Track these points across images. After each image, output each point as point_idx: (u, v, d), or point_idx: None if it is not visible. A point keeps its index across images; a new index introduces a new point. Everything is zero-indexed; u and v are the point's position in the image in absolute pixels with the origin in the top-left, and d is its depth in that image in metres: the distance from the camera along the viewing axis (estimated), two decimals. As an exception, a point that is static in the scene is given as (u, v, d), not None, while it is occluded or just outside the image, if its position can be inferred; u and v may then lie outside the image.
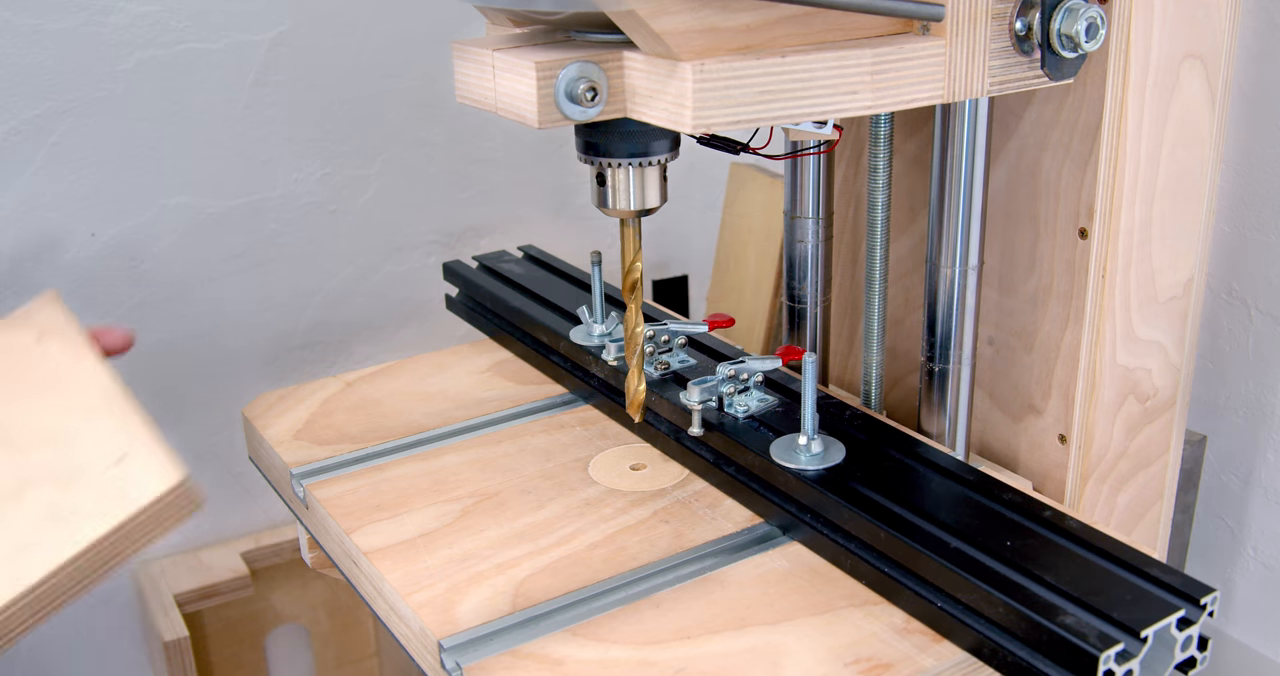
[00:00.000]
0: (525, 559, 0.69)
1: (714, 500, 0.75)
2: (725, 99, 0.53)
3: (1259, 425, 0.91)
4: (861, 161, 0.86)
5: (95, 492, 0.66)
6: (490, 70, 0.59)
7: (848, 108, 0.57)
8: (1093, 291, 0.72)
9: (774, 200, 1.25)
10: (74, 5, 1.04)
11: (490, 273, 1.06)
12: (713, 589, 0.66)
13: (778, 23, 0.55)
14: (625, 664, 0.60)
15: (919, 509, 0.65)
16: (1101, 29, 0.62)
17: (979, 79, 0.60)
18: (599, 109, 0.57)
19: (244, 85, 1.13)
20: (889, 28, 0.59)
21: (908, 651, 0.60)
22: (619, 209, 0.67)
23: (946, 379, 0.76)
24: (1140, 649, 0.54)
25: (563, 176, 1.34)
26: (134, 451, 0.68)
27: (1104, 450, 0.76)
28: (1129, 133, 0.69)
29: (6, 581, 0.62)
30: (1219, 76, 0.72)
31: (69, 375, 0.75)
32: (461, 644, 0.62)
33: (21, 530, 0.65)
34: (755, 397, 0.77)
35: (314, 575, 1.27)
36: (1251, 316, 0.90)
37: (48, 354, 0.78)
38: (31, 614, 0.62)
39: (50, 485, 0.67)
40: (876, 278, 0.79)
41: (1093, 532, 0.62)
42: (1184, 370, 0.78)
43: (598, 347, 0.88)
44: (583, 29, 0.60)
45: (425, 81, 1.22)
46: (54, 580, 0.63)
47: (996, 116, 0.74)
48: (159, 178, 1.12)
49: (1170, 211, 0.73)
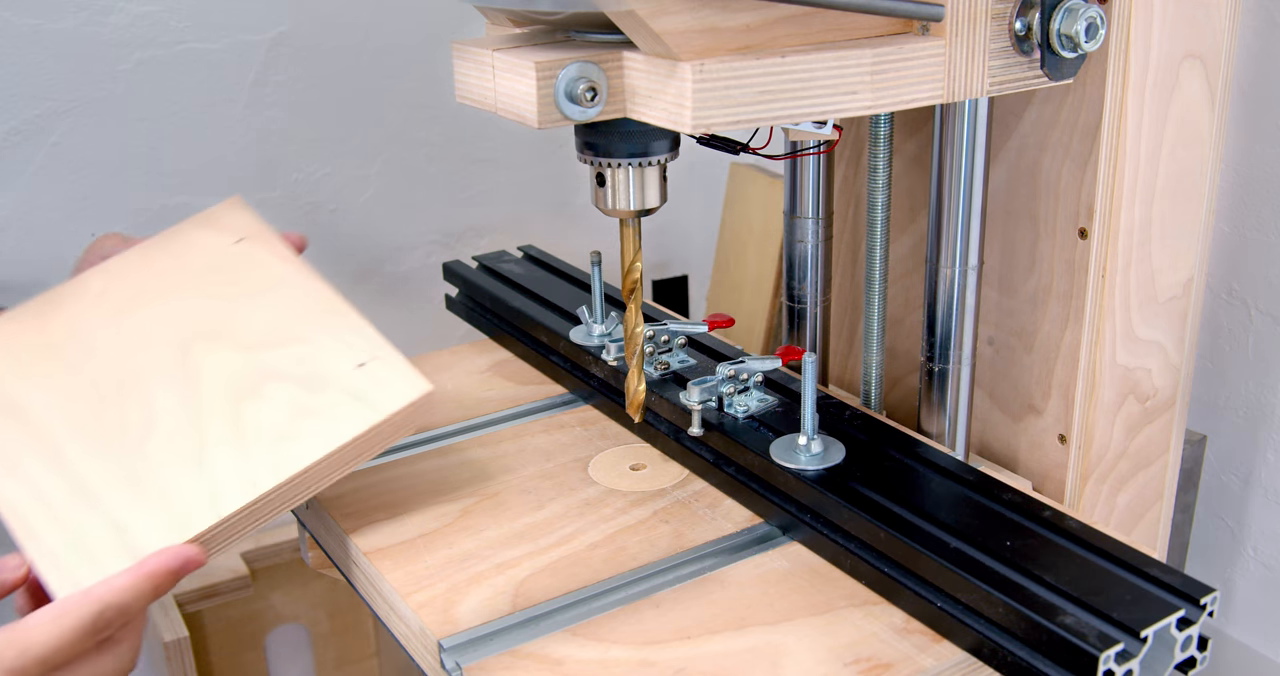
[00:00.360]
0: (525, 559, 0.69)
1: (714, 500, 0.75)
2: (725, 99, 0.53)
3: (1259, 425, 0.91)
4: (861, 161, 0.86)
5: (344, 394, 0.68)
6: (490, 70, 0.59)
7: (847, 108, 0.57)
8: (1093, 291, 0.72)
9: (774, 200, 1.25)
10: (74, 5, 1.04)
11: (490, 273, 1.06)
12: (713, 589, 0.66)
13: (777, 23, 0.55)
14: (625, 664, 0.60)
15: (919, 509, 0.65)
16: (1101, 29, 0.62)
17: (979, 79, 0.60)
18: (599, 109, 0.57)
19: (244, 85, 1.13)
20: (889, 28, 0.59)
21: (908, 651, 0.60)
22: (619, 209, 0.67)
23: (946, 379, 0.76)
24: (1140, 649, 0.54)
25: (563, 176, 1.34)
26: (377, 357, 0.69)
27: (1104, 450, 0.76)
28: (1129, 132, 0.69)
29: (269, 469, 0.64)
30: (1219, 76, 0.72)
31: (283, 279, 0.75)
32: (461, 644, 0.62)
33: (274, 424, 0.67)
34: (755, 397, 0.77)
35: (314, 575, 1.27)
36: (1251, 316, 0.90)
37: (253, 257, 0.77)
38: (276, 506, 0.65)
39: (291, 384, 0.69)
40: (876, 278, 0.79)
41: (1092, 532, 0.62)
42: (1184, 370, 0.78)
43: (598, 347, 0.88)
44: (582, 29, 0.60)
45: (425, 81, 1.22)
46: (306, 474, 0.65)
47: (996, 116, 0.74)
48: (159, 178, 1.12)
49: (1170, 211, 0.73)
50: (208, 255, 0.78)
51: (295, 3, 1.13)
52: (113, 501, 0.65)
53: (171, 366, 0.71)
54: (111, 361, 0.72)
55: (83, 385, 0.71)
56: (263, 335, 0.72)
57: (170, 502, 0.64)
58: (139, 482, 0.65)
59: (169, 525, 0.63)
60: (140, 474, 0.66)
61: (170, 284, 0.76)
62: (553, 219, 1.35)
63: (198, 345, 0.72)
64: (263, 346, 0.71)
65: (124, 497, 0.65)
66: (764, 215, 1.27)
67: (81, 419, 0.69)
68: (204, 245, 0.79)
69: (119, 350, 0.73)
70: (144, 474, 0.66)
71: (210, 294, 0.75)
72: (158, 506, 0.64)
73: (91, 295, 0.77)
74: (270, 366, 0.70)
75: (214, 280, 0.76)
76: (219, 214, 0.81)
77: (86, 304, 0.76)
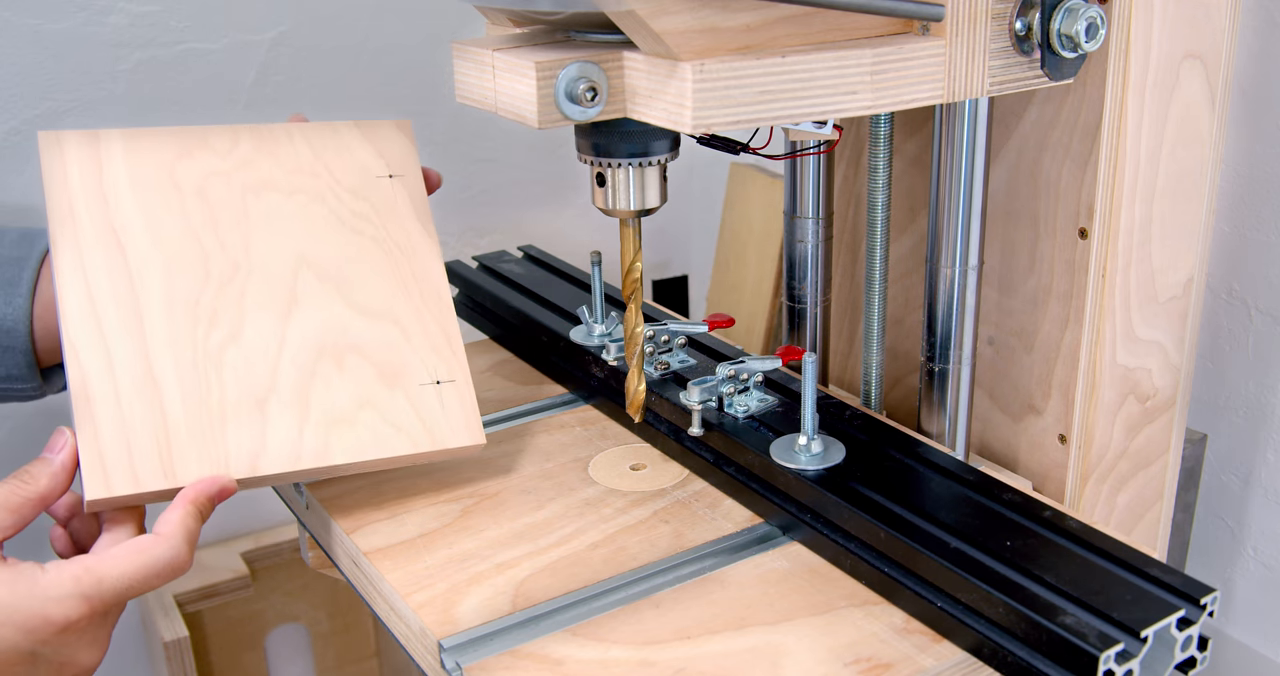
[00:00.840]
0: (525, 559, 0.69)
1: (714, 500, 0.75)
2: (725, 99, 0.53)
3: (1259, 425, 0.91)
4: (861, 161, 0.86)
5: (408, 407, 0.70)
6: (490, 70, 0.59)
7: (847, 108, 0.57)
8: (1093, 291, 0.72)
9: (774, 200, 1.25)
10: (74, 5, 1.04)
11: (490, 273, 1.06)
12: (713, 589, 0.66)
13: (777, 23, 0.55)
14: (625, 664, 0.60)
15: (919, 509, 0.65)
16: (1101, 29, 0.62)
17: (979, 79, 0.60)
18: (599, 109, 0.57)
19: (244, 85, 1.13)
20: (889, 28, 0.59)
21: (908, 651, 0.60)
22: (619, 209, 0.67)
23: (946, 379, 0.76)
24: (1140, 649, 0.54)
25: (563, 176, 1.34)
26: (454, 381, 0.72)
27: (1104, 450, 0.76)
28: (1129, 132, 0.69)
29: (312, 451, 0.68)
30: (1219, 76, 0.72)
31: (408, 244, 0.75)
32: (461, 644, 0.62)
33: (337, 404, 0.69)
34: (755, 397, 0.77)
35: (314, 575, 1.27)
36: (1251, 316, 0.90)
37: (396, 202, 0.76)
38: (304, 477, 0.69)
39: (371, 367, 0.71)
40: (876, 278, 0.79)
41: (1093, 532, 0.62)
42: (1184, 370, 0.79)
43: (598, 347, 0.88)
44: (583, 29, 0.60)
45: (425, 82, 1.22)
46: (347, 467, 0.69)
47: (996, 116, 0.74)
48: (159, 178, 1.12)
49: (1170, 211, 0.73)
50: (355, 176, 0.77)
51: (295, 3, 1.13)
52: (173, 414, 0.67)
53: (278, 282, 0.72)
54: (227, 241, 0.72)
55: (193, 254, 0.71)
56: (368, 299, 0.73)
57: (218, 441, 0.67)
58: (202, 402, 0.67)
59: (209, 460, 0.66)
60: (206, 390, 0.68)
61: (310, 187, 0.75)
62: (553, 219, 1.35)
63: (309, 274, 0.73)
64: (362, 312, 0.72)
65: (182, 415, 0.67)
66: (764, 215, 1.27)
67: (179, 294, 0.70)
68: (357, 163, 0.77)
69: (239, 233, 0.72)
70: (210, 392, 0.68)
71: (342, 221, 0.75)
72: (207, 438, 0.67)
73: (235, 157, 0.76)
74: (360, 336, 0.72)
75: (351, 208, 0.75)
76: (384, 133, 0.80)
77: (226, 163, 0.75)
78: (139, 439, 0.66)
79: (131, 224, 0.72)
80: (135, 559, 0.61)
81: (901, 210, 0.83)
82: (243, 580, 1.21)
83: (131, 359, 0.68)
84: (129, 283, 0.70)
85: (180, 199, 0.74)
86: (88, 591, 0.60)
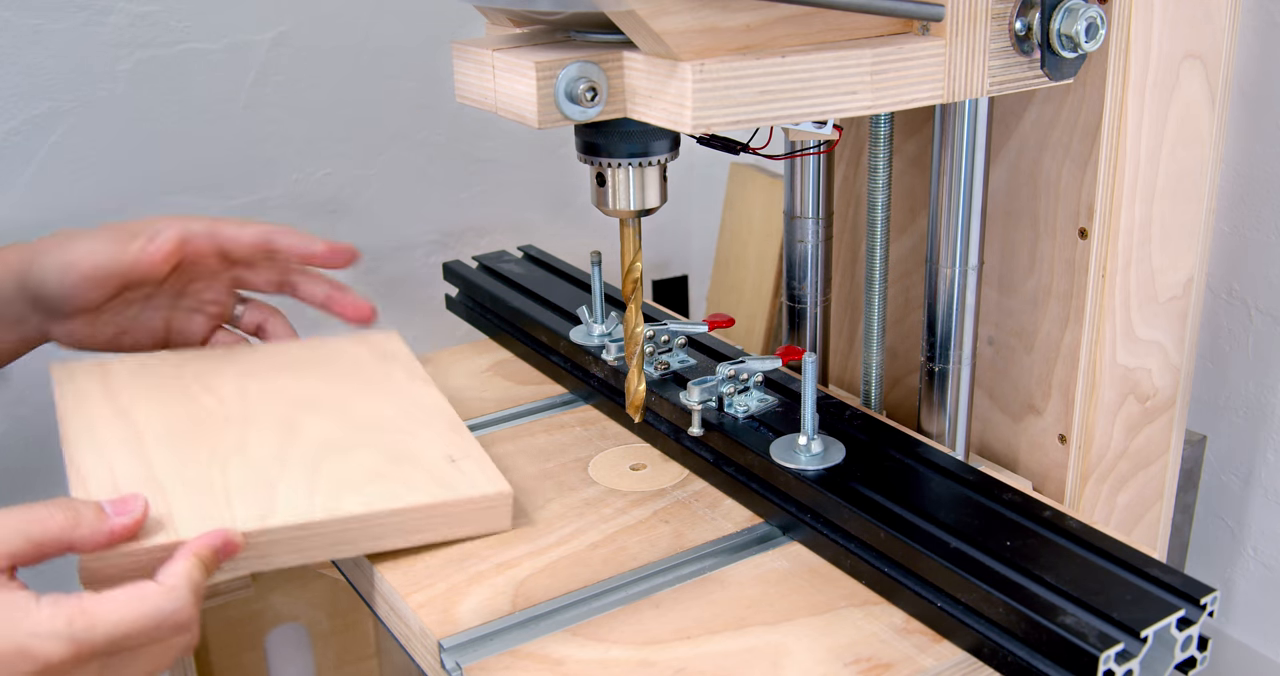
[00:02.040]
0: (525, 559, 0.69)
1: (714, 500, 0.75)
2: (725, 99, 0.53)
3: (1259, 425, 0.91)
4: (861, 161, 0.86)
5: (422, 473, 0.71)
6: (490, 70, 0.59)
7: (847, 108, 0.57)
8: (1093, 291, 0.72)
9: (774, 200, 1.25)
10: (74, 5, 1.04)
11: (490, 273, 1.06)
12: (713, 589, 0.66)
13: (777, 23, 0.55)
14: (625, 664, 0.60)
15: (919, 509, 0.65)
16: (1101, 29, 0.62)
17: (979, 79, 0.60)
18: (599, 109, 0.57)
19: (244, 85, 1.13)
20: (889, 28, 0.59)
21: (908, 651, 0.60)
22: (619, 209, 0.67)
23: (946, 379, 0.76)
24: (1140, 649, 0.54)
25: (563, 176, 1.34)
26: (466, 456, 0.73)
27: (1104, 450, 0.76)
28: (1129, 132, 0.69)
29: (324, 507, 0.67)
30: (1219, 76, 0.72)
31: (409, 393, 0.81)
32: (461, 644, 0.62)
33: (348, 476, 0.70)
34: (755, 397, 0.77)
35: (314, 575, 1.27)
36: (1251, 316, 0.90)
37: (389, 371, 0.84)
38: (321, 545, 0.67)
39: (380, 455, 0.72)
40: (876, 278, 0.79)
41: (1093, 532, 0.62)
42: (1184, 370, 0.79)
43: (598, 347, 0.88)
44: (583, 29, 0.60)
45: (425, 81, 1.22)
46: (361, 524, 0.67)
47: (996, 116, 0.74)
48: (159, 178, 1.12)
49: (1170, 211, 0.73)
50: (348, 360, 0.85)
51: (295, 3, 1.13)
52: (174, 493, 0.67)
53: (277, 421, 0.76)
54: (227, 403, 0.78)
55: (192, 411, 0.77)
56: (370, 419, 0.77)
57: (223, 509, 0.66)
58: (206, 490, 0.68)
59: (214, 521, 0.65)
60: (209, 484, 0.69)
61: (306, 369, 0.84)
62: (553, 219, 1.35)
63: (308, 410, 0.78)
64: (366, 427, 0.76)
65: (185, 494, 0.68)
66: (764, 215, 1.27)
67: (178, 433, 0.74)
68: (349, 353, 0.86)
69: (238, 398, 0.79)
70: (212, 485, 0.69)
71: (339, 384, 0.82)
72: (211, 506, 0.67)
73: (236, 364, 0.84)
74: (366, 440, 0.74)
75: (347, 376, 0.82)
76: (374, 338, 0.89)
77: (225, 364, 0.84)
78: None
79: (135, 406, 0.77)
80: (134, 606, 0.57)
81: (901, 210, 0.83)
82: (243, 580, 1.20)
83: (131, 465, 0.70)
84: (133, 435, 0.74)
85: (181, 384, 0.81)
86: (78, 634, 0.56)
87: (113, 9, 1.05)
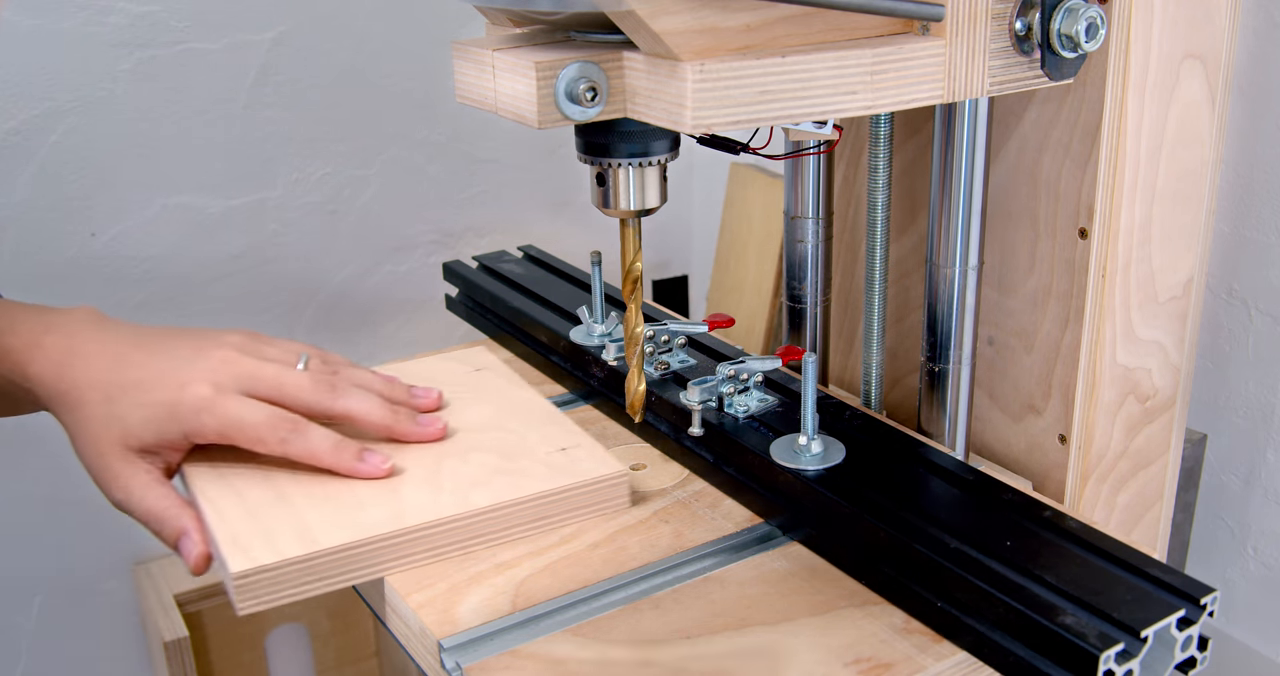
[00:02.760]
0: (525, 559, 0.69)
1: (714, 500, 0.75)
2: (725, 99, 0.53)
3: (1259, 425, 0.91)
4: (861, 161, 0.86)
5: (539, 465, 0.73)
6: (490, 70, 0.59)
7: (847, 108, 0.56)
8: (1093, 291, 0.72)
9: (774, 200, 1.25)
10: (74, 5, 1.04)
11: (490, 273, 1.06)
12: (713, 589, 0.66)
13: (777, 23, 0.55)
14: (625, 664, 0.60)
15: (919, 509, 0.65)
16: (1101, 29, 0.62)
17: (979, 79, 0.60)
18: (599, 109, 0.57)
19: (244, 85, 1.13)
20: (889, 27, 0.59)
21: (908, 651, 0.60)
22: (619, 209, 0.67)
23: (946, 379, 0.76)
24: (1140, 649, 0.54)
25: (563, 176, 1.34)
26: (577, 446, 0.75)
27: (1104, 450, 0.76)
28: (1129, 133, 0.69)
29: (454, 503, 0.69)
30: (1219, 76, 0.72)
31: (508, 396, 0.83)
32: (461, 644, 0.62)
33: (469, 475, 0.72)
34: (755, 398, 0.77)
35: (314, 575, 1.27)
36: (1251, 316, 0.90)
37: (486, 382, 0.86)
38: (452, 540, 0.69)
39: (494, 454, 0.75)
40: (876, 278, 0.79)
41: (1093, 532, 0.62)
42: (1184, 370, 0.79)
43: (598, 347, 0.88)
44: (583, 29, 0.60)
45: (425, 81, 1.22)
46: (490, 517, 0.69)
47: (996, 116, 0.74)
48: (159, 178, 1.12)
49: (1170, 211, 0.73)
50: (445, 374, 0.87)
51: (295, 3, 1.13)
52: (304, 507, 0.69)
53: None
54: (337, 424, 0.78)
55: None
56: (478, 422, 0.79)
57: (356, 515, 0.68)
58: (334, 500, 0.70)
59: (349, 528, 0.66)
60: (335, 496, 0.70)
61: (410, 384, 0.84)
62: (553, 219, 1.35)
63: None
64: (476, 430, 0.78)
65: (314, 506, 0.69)
66: (764, 215, 1.27)
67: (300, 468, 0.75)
68: (443, 368, 0.89)
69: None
70: (339, 495, 0.70)
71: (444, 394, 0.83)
72: (344, 514, 0.68)
73: None
74: (477, 442, 0.76)
75: (447, 387, 0.84)
76: (463, 353, 0.92)
77: None
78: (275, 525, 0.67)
79: None
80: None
81: (901, 210, 0.83)
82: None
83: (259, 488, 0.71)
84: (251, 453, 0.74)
85: None
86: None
87: (113, 9, 1.05)
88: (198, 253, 1.15)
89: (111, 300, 1.12)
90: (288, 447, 0.71)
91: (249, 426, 0.70)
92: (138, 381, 0.70)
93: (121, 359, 0.71)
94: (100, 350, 0.72)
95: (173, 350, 0.72)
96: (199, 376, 0.70)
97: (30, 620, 1.18)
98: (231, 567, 0.63)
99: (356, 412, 0.74)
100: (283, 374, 0.72)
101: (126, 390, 0.70)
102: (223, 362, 0.71)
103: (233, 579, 0.63)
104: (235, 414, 0.70)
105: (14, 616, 1.18)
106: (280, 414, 0.71)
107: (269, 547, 0.64)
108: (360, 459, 0.71)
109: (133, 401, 0.70)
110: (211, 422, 0.69)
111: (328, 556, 0.65)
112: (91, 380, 0.71)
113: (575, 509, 0.72)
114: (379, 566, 0.67)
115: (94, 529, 1.18)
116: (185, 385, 0.69)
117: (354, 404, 0.74)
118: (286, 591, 0.65)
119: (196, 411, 0.69)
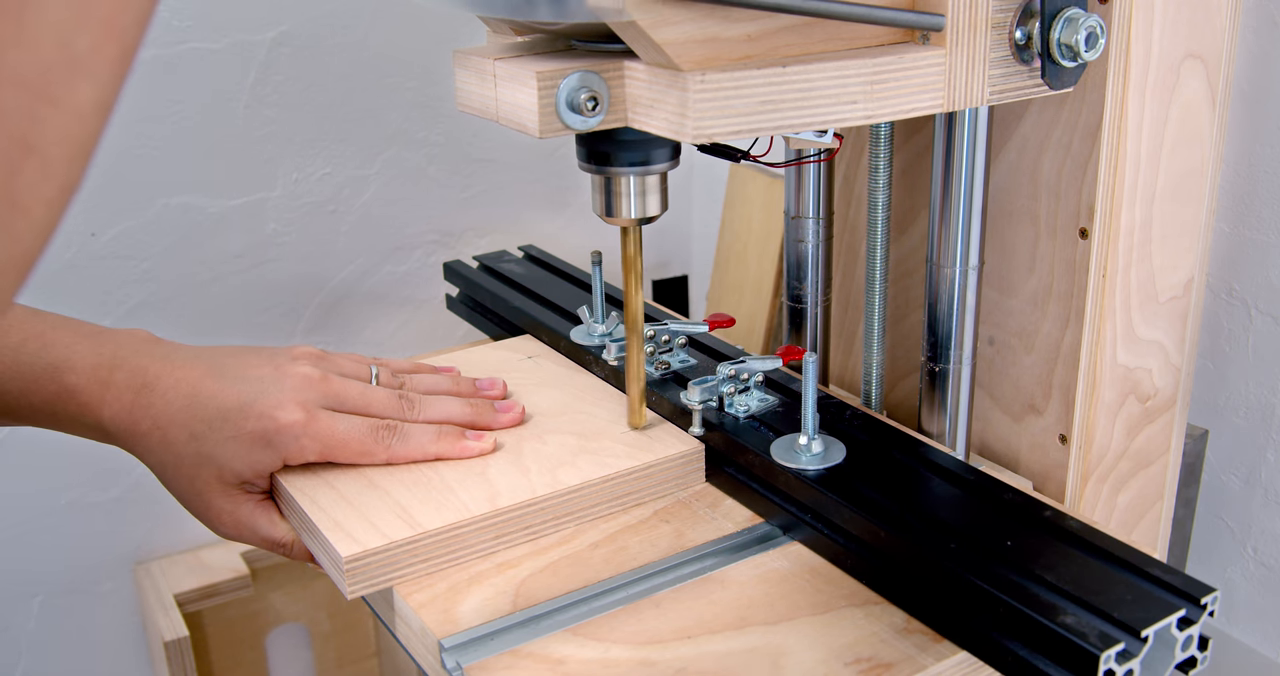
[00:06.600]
0: (525, 559, 0.69)
1: (714, 500, 0.75)
2: (726, 109, 0.54)
3: (1259, 425, 0.91)
4: (862, 161, 0.86)
5: (617, 444, 0.76)
6: (491, 79, 0.59)
7: (848, 117, 0.57)
8: (1093, 291, 0.72)
9: (774, 200, 1.26)
10: (74, 6, 1.04)
11: (490, 273, 1.06)
12: (713, 589, 0.66)
13: (778, 33, 0.55)
14: (625, 663, 0.60)
15: (919, 509, 0.65)
16: (1101, 38, 0.62)
17: (979, 88, 0.60)
18: (600, 118, 0.57)
19: (244, 85, 1.13)
20: (889, 37, 0.59)
21: (908, 651, 0.60)
22: (620, 217, 0.67)
23: (946, 379, 0.76)
24: (1141, 648, 0.54)
25: (563, 176, 1.34)
26: (649, 424, 0.78)
27: (1104, 450, 0.77)
28: (1129, 133, 0.69)
29: (545, 483, 0.71)
30: (1219, 76, 0.72)
31: (570, 380, 0.86)
32: (462, 643, 0.62)
33: (553, 455, 0.75)
34: (755, 397, 0.78)
35: (314, 575, 1.27)
36: (1251, 316, 0.90)
37: (543, 366, 0.89)
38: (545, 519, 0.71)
39: (571, 435, 0.77)
40: (876, 278, 0.79)
41: (1093, 532, 0.62)
42: (1184, 370, 0.79)
43: (598, 347, 0.88)
44: (584, 38, 0.60)
45: (425, 81, 1.22)
46: (579, 495, 0.72)
47: (997, 117, 0.74)
48: (159, 178, 1.12)
49: (1170, 211, 0.73)
50: (500, 362, 0.90)
51: (295, 3, 1.13)
52: (399, 493, 0.70)
53: None
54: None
55: None
56: (548, 406, 0.82)
57: (450, 498, 0.70)
58: (426, 487, 0.71)
59: (450, 509, 0.68)
60: (427, 482, 0.72)
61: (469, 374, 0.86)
62: (553, 219, 1.35)
63: None
64: (547, 414, 0.81)
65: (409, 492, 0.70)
66: (764, 215, 1.27)
67: None
68: (497, 357, 0.92)
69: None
70: (430, 482, 0.72)
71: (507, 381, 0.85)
72: (440, 499, 0.70)
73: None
74: (552, 425, 0.79)
75: (508, 374, 0.86)
76: (513, 342, 0.95)
77: None
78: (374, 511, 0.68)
79: None
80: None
81: (902, 210, 0.83)
82: (243, 580, 1.21)
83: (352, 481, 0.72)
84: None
85: None
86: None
87: (113, 9, 1.05)
88: (197, 253, 1.15)
89: (111, 300, 1.12)
90: (394, 452, 0.71)
91: (354, 441, 0.70)
92: (222, 413, 0.68)
93: (198, 390, 0.69)
94: (174, 385, 0.69)
95: (247, 374, 0.70)
96: (285, 400, 0.69)
97: (30, 620, 1.19)
98: (341, 552, 0.64)
99: (439, 419, 0.75)
100: (367, 392, 0.73)
101: (212, 425, 0.68)
102: (305, 382, 0.70)
103: (343, 562, 0.64)
104: (336, 432, 0.70)
105: (14, 616, 1.18)
106: (377, 423, 0.71)
107: (374, 531, 0.66)
108: (466, 438, 0.74)
109: (221, 435, 0.68)
110: (312, 445, 0.69)
111: (433, 537, 0.67)
112: (172, 418, 0.68)
113: (657, 484, 0.75)
114: (478, 547, 0.68)
115: (94, 529, 1.18)
116: (274, 412, 0.68)
117: (434, 413, 0.75)
118: (394, 573, 0.66)
119: (295, 437, 0.68)
